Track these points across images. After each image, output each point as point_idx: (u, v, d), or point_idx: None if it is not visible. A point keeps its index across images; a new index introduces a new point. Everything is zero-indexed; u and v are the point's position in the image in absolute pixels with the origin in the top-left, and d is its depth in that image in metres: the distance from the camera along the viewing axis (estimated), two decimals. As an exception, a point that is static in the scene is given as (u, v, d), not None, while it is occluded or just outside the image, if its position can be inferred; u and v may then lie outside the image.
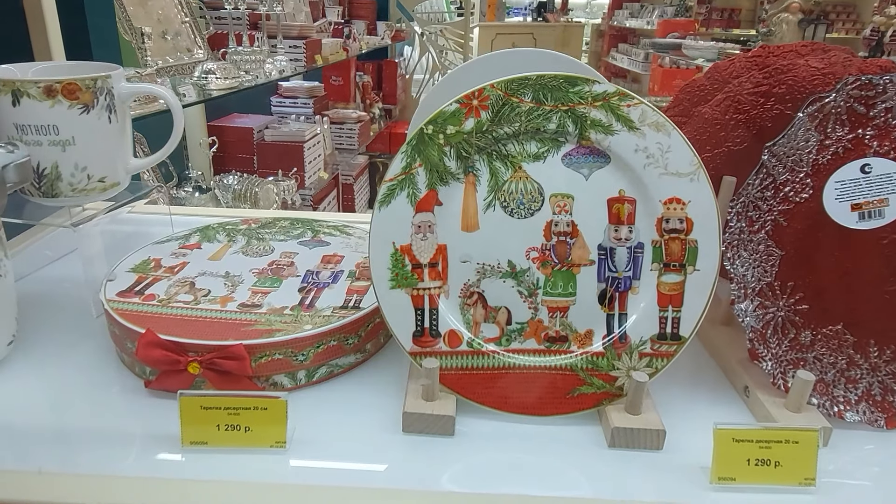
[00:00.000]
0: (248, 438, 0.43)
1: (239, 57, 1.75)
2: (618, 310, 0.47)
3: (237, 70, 1.68)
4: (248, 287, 0.55)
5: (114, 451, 0.43)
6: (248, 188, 2.13)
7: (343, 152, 2.76)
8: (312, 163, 2.31)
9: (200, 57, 1.66)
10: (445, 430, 0.45)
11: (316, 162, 2.35)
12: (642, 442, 0.44)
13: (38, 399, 0.48)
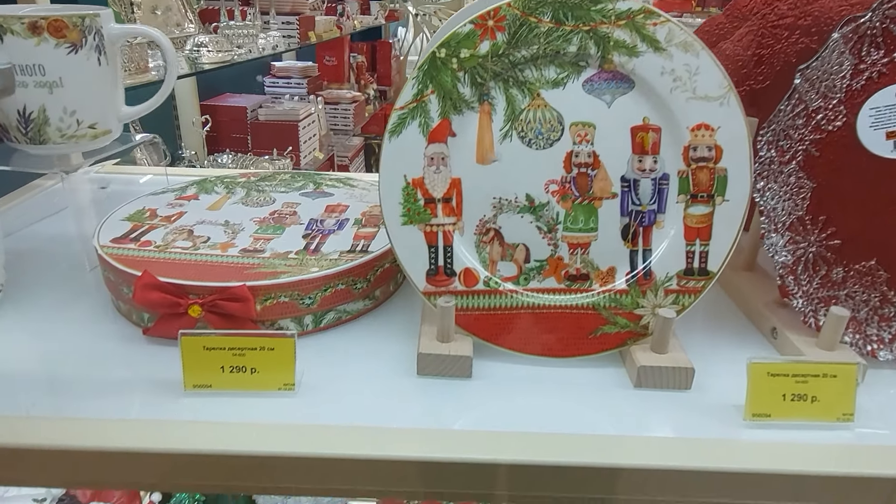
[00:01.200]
0: (255, 381, 0.40)
1: (231, 31, 1.71)
2: (641, 245, 0.44)
3: (229, 44, 1.64)
4: (250, 234, 0.52)
5: (112, 398, 0.41)
6: (242, 167, 2.10)
7: (338, 133, 2.72)
8: (307, 143, 2.27)
9: (191, 31, 1.62)
10: (463, 371, 0.43)
11: (311, 142, 2.32)
12: (670, 381, 0.42)
13: (30, 349, 0.46)
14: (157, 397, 0.41)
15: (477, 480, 0.36)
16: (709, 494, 0.36)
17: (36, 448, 0.35)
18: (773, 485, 0.36)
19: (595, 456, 0.36)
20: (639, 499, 0.37)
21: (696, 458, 0.36)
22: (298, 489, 0.37)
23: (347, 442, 0.37)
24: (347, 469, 0.36)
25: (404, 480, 0.36)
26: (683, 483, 0.36)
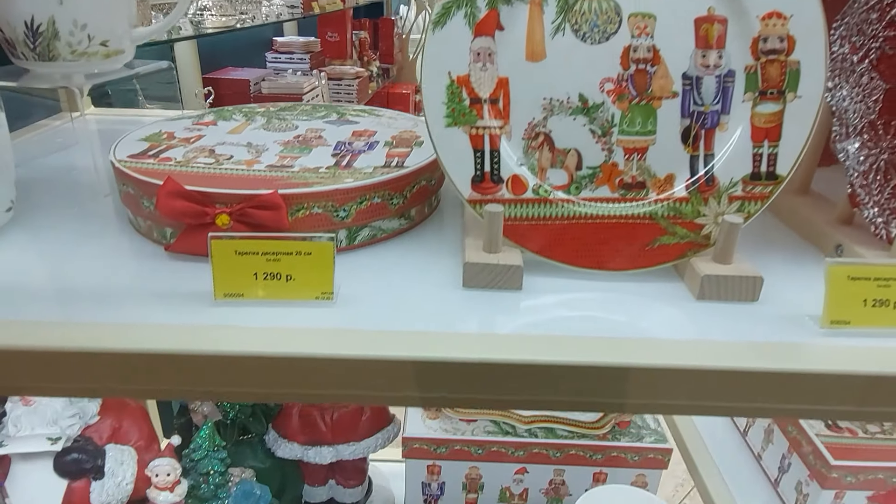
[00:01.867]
0: (290, 289, 0.37)
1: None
2: (703, 150, 0.41)
3: (233, 9, 1.60)
4: (275, 154, 0.49)
5: (136, 308, 0.37)
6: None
7: (342, 109, 2.68)
8: (312, 116, 2.23)
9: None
10: (513, 282, 0.40)
11: (315, 115, 2.27)
12: (736, 292, 0.39)
13: (46, 268, 0.42)
14: (184, 307, 0.37)
15: (532, 384, 0.33)
16: (787, 399, 0.34)
17: (66, 350, 0.32)
18: (855, 387, 0.33)
19: (660, 357, 0.33)
20: (711, 405, 0.34)
21: (774, 359, 0.33)
22: (338, 395, 0.34)
23: (392, 344, 0.34)
24: (392, 371, 0.33)
25: (457, 383, 0.33)
26: (759, 387, 0.33)
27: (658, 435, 0.68)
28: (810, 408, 0.34)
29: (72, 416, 0.55)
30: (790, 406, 0.34)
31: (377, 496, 0.89)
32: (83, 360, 0.32)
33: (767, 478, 0.71)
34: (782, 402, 0.34)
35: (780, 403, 0.34)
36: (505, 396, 0.34)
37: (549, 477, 0.69)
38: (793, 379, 0.33)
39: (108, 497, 0.56)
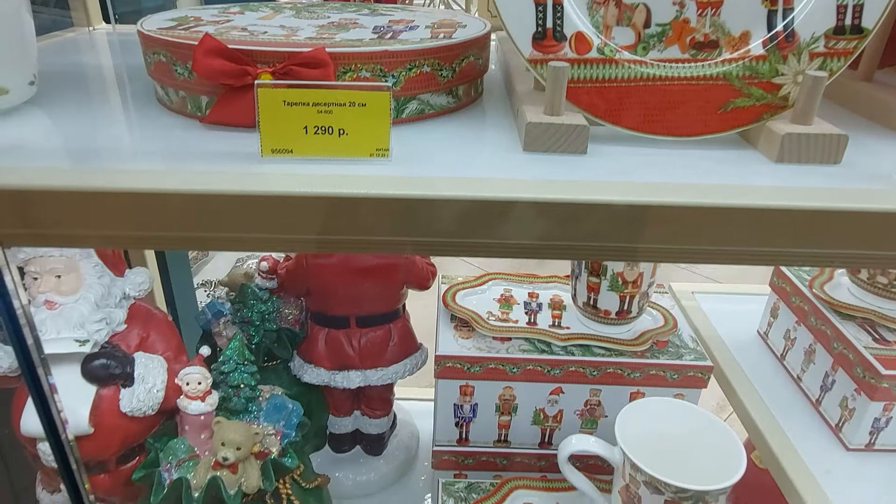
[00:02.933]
0: (343, 144, 0.35)
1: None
2: (782, 3, 0.38)
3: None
4: (312, 31, 0.46)
5: (175, 166, 0.35)
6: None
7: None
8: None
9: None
10: (577, 144, 0.37)
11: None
12: (818, 152, 0.37)
13: (73, 141, 0.40)
14: (227, 165, 0.35)
15: (608, 227, 0.31)
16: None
17: (106, 191, 0.30)
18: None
19: (745, 198, 0.31)
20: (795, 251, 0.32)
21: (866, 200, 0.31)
22: (397, 242, 0.31)
23: (456, 185, 0.31)
24: (458, 211, 0.31)
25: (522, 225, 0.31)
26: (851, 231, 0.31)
27: (697, 353, 0.66)
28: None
29: (98, 320, 0.53)
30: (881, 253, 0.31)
31: (402, 430, 0.88)
32: (122, 202, 0.30)
33: (808, 399, 0.69)
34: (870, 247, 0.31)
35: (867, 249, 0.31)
36: (578, 242, 0.31)
37: (585, 397, 0.68)
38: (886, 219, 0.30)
39: (139, 403, 0.54)
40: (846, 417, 0.63)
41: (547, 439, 0.70)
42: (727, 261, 0.32)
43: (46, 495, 0.61)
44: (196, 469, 0.54)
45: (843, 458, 0.62)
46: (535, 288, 0.76)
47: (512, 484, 0.66)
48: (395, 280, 0.72)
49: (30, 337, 0.43)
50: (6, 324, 0.42)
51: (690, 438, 0.58)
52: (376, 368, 0.74)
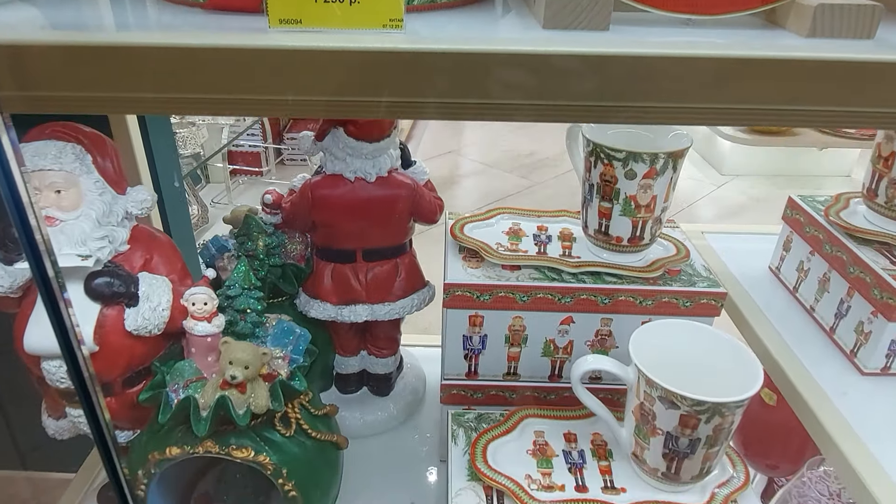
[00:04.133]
0: (355, 14, 0.33)
1: None
2: None
3: None
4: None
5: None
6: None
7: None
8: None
9: None
10: (599, 20, 0.35)
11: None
12: (851, 25, 0.35)
13: (70, 21, 0.38)
14: (236, 37, 0.33)
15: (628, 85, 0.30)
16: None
17: (115, 45, 0.28)
18: None
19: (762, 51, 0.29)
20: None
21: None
22: (415, 104, 0.30)
23: (473, 42, 0.30)
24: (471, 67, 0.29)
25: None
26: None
27: (710, 281, 0.65)
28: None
29: (100, 237, 0.52)
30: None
31: (409, 373, 0.87)
32: (122, 58, 0.28)
33: (822, 328, 0.68)
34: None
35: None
36: (595, 103, 0.30)
37: (596, 327, 0.67)
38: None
39: (144, 322, 0.53)
40: (862, 342, 0.62)
41: (557, 372, 0.69)
42: (747, 120, 0.30)
43: (52, 422, 0.60)
44: (204, 389, 0.54)
45: (859, 383, 0.61)
46: (544, 221, 0.75)
47: (522, 413, 0.65)
48: (401, 212, 0.70)
49: (42, 243, 0.42)
50: (19, 230, 0.41)
51: (705, 357, 0.57)
52: (383, 303, 0.73)
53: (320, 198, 0.68)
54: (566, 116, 0.30)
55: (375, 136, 0.65)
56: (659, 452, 0.54)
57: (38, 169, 0.50)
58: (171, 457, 0.54)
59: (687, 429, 0.52)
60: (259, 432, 0.56)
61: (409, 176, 0.71)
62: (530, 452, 0.62)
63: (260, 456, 0.55)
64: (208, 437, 0.54)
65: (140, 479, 0.55)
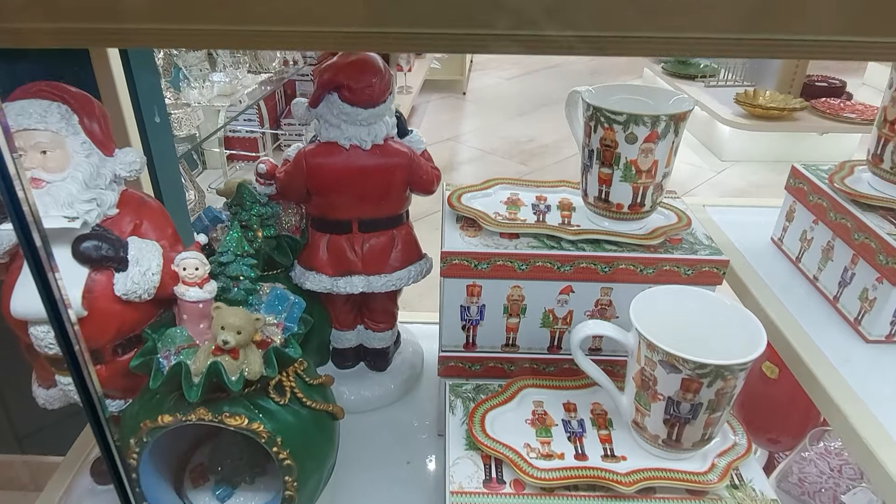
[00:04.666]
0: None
1: None
2: None
3: None
4: None
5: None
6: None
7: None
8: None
9: None
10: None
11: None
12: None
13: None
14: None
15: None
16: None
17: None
18: None
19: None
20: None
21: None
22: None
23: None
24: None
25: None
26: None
27: (712, 249, 0.64)
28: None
29: (88, 200, 0.51)
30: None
31: (406, 349, 0.86)
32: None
33: (825, 297, 0.67)
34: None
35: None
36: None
37: (596, 297, 0.66)
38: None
39: (134, 286, 0.52)
40: (866, 309, 0.61)
41: (556, 343, 0.68)
42: (758, 52, 0.29)
43: (42, 391, 0.59)
44: (196, 356, 0.52)
45: (863, 350, 0.60)
46: (543, 191, 0.73)
47: (521, 383, 0.64)
48: (398, 182, 0.69)
49: (26, 204, 0.41)
50: (3, 192, 0.39)
51: (707, 323, 0.56)
52: (380, 275, 0.72)
53: (315, 166, 0.67)
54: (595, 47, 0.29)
55: (370, 102, 0.64)
56: (660, 419, 0.54)
57: (22, 129, 0.49)
58: (163, 424, 0.53)
59: (689, 393, 0.51)
60: (253, 400, 0.55)
61: (406, 145, 0.70)
62: (529, 422, 0.61)
63: (254, 424, 0.54)
64: (201, 405, 0.53)
65: (132, 447, 0.54)
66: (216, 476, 0.63)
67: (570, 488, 0.55)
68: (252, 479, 0.63)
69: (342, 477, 0.71)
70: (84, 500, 0.65)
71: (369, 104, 0.64)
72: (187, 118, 1.49)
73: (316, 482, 0.59)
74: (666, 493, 0.54)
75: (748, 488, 0.55)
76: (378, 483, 0.71)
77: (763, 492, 0.55)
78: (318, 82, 0.64)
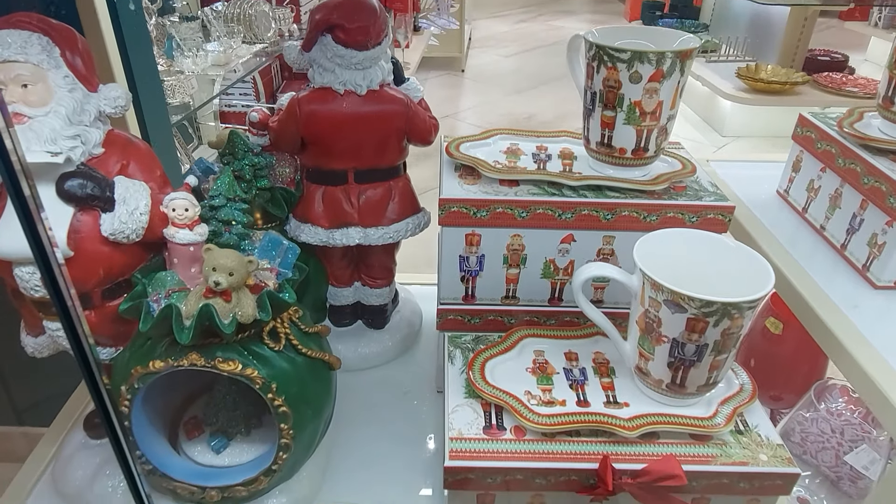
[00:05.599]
0: None
1: None
2: None
3: None
4: None
5: None
6: (240, 10, 1.94)
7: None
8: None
9: None
10: None
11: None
12: None
13: None
14: None
15: None
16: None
17: None
18: None
19: None
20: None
21: None
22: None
23: None
24: None
25: None
26: None
27: (718, 195, 0.63)
28: None
29: (72, 136, 0.49)
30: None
31: (405, 307, 0.85)
32: None
33: (833, 246, 0.65)
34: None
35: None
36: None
37: (598, 246, 0.64)
38: None
39: (121, 225, 0.50)
40: (875, 255, 0.59)
41: (557, 295, 0.67)
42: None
43: (31, 339, 0.57)
44: (187, 299, 0.51)
45: (872, 296, 0.59)
46: (544, 141, 0.71)
47: (521, 333, 0.63)
48: (395, 130, 0.67)
49: (8, 139, 0.39)
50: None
51: (713, 265, 0.54)
52: (377, 227, 0.70)
53: (309, 113, 0.65)
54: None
55: (365, 43, 0.62)
56: (664, 362, 0.52)
57: (1, 60, 0.47)
58: (154, 370, 0.52)
59: (694, 333, 0.49)
60: (247, 346, 0.53)
61: (402, 92, 0.68)
62: (530, 370, 0.59)
63: (248, 369, 0.52)
64: (193, 350, 0.52)
65: (123, 394, 0.53)
66: (211, 428, 0.62)
67: (572, 434, 0.53)
68: (248, 431, 0.62)
69: (339, 433, 0.70)
70: (77, 454, 0.63)
71: (364, 46, 0.62)
72: (181, 85, 1.46)
73: (312, 432, 0.58)
74: (669, 439, 0.53)
75: (753, 433, 0.54)
76: (375, 440, 0.70)
77: (769, 437, 0.54)
78: (312, 23, 0.62)
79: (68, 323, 0.47)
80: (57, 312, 0.46)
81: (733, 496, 0.53)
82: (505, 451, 0.52)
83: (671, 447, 0.53)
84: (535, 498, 0.54)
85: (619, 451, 0.52)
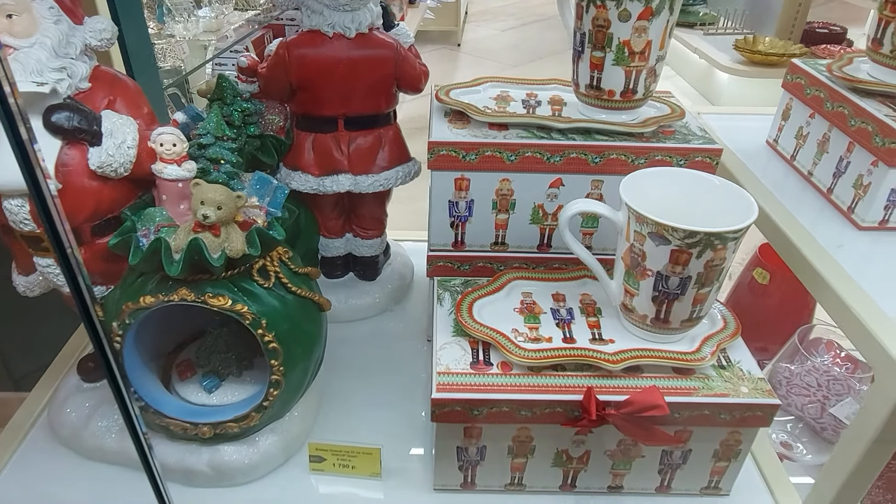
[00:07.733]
0: None
1: None
2: None
3: None
4: None
5: None
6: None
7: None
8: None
9: None
10: None
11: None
12: None
13: None
14: None
15: None
16: None
17: None
18: None
19: None
20: None
21: None
22: None
23: None
24: None
25: None
26: None
27: (706, 139, 0.63)
28: None
29: (58, 69, 0.49)
30: None
31: (396, 260, 0.86)
32: None
33: (819, 191, 0.66)
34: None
35: None
36: None
37: (586, 190, 0.64)
38: None
39: (109, 158, 0.50)
40: (860, 196, 0.60)
41: (546, 241, 0.67)
42: None
43: (21, 278, 0.58)
44: (176, 234, 0.51)
45: (856, 237, 0.60)
46: (534, 89, 0.71)
47: (510, 275, 0.64)
48: (384, 76, 0.67)
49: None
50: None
51: (698, 202, 0.55)
52: (367, 174, 0.71)
53: (298, 57, 0.65)
54: None
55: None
56: (648, 297, 0.53)
57: (-16, -11, 0.47)
58: (145, 305, 0.52)
59: (678, 266, 0.50)
60: (237, 282, 0.54)
61: (392, 37, 0.67)
62: (517, 310, 0.60)
63: (238, 305, 0.53)
64: (183, 286, 0.52)
65: (115, 331, 0.54)
66: (203, 369, 0.63)
67: (558, 368, 0.54)
68: (240, 373, 0.63)
69: (330, 382, 0.71)
70: (72, 398, 0.64)
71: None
72: (171, 49, 1.44)
73: (303, 371, 0.59)
74: (653, 372, 0.54)
75: (735, 368, 0.55)
76: (366, 389, 0.71)
77: (750, 371, 0.55)
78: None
79: (61, 252, 0.47)
80: (50, 243, 0.47)
81: (715, 427, 0.54)
82: (491, 384, 0.53)
83: (655, 381, 0.54)
84: (520, 431, 0.55)
85: (604, 384, 0.53)
